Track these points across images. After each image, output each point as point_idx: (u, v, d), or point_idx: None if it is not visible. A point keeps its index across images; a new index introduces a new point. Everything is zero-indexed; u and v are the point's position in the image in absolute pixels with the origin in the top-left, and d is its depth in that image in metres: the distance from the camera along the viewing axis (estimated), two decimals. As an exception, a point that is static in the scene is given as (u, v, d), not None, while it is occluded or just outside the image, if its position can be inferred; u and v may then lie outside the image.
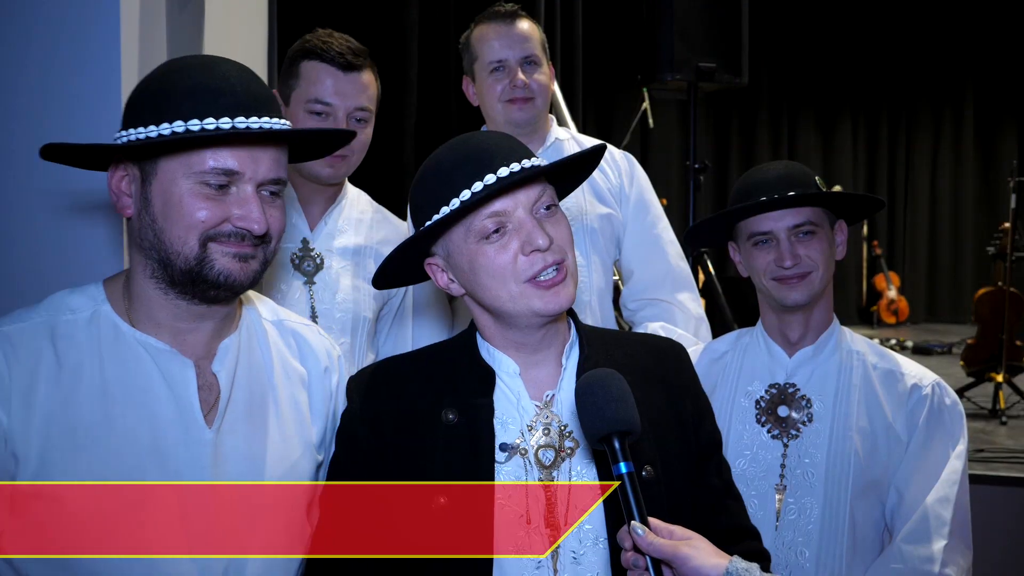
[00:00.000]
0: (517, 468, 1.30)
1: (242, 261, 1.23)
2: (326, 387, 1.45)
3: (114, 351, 1.25)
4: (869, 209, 1.89)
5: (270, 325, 1.43)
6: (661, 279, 2.38)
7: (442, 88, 4.08)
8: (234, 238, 1.22)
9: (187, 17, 2.27)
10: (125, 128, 1.21)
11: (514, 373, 1.34)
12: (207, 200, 1.20)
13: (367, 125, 2.01)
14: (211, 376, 1.29)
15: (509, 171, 1.25)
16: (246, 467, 1.28)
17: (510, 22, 2.26)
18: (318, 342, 1.47)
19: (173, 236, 1.20)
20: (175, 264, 1.21)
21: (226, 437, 1.28)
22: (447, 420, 1.31)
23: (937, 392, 1.75)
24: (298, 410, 1.39)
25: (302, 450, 1.37)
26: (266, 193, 1.25)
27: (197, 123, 1.17)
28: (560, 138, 2.38)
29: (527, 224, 1.27)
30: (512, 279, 1.27)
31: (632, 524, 1.09)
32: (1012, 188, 5.36)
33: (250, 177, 1.22)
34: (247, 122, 1.19)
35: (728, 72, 3.85)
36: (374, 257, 2.09)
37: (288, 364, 1.41)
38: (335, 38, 1.97)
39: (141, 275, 1.25)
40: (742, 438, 1.79)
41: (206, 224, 1.20)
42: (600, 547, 1.27)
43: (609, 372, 1.19)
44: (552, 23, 4.63)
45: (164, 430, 1.23)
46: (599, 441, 1.13)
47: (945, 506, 1.65)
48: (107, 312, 1.27)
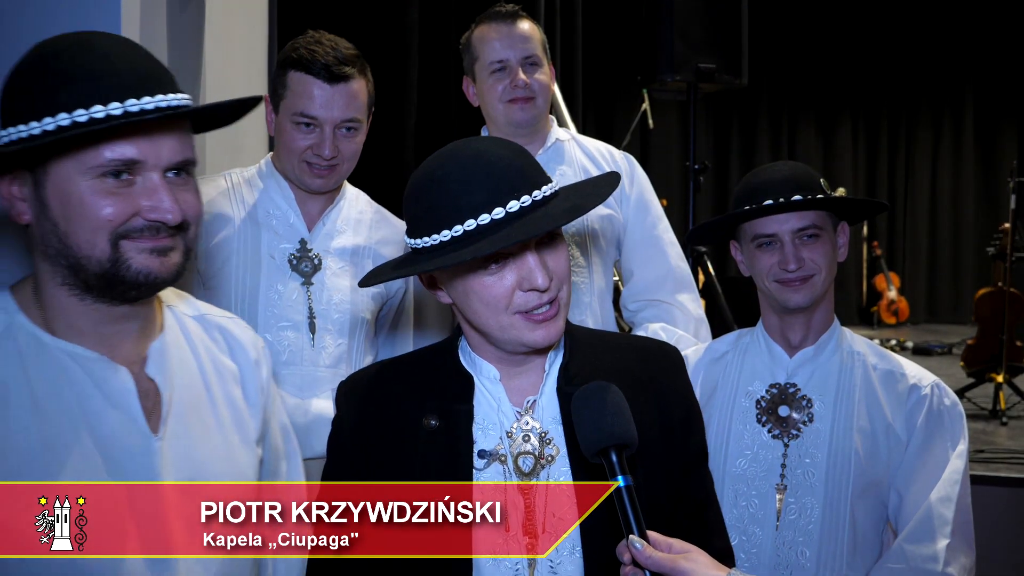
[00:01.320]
0: (496, 475, 1.28)
1: (161, 255, 1.13)
2: (258, 380, 1.38)
3: (39, 365, 1.14)
4: (872, 211, 1.90)
5: (193, 321, 1.34)
6: (661, 280, 2.37)
7: (443, 88, 4.08)
8: (148, 232, 1.11)
9: (187, 19, 2.27)
10: (3, 127, 1.09)
11: (495, 379, 1.33)
12: (110, 195, 1.09)
13: (357, 134, 1.98)
14: (147, 381, 1.21)
15: (520, 205, 1.18)
16: (193, 472, 1.21)
17: (511, 22, 2.25)
18: (244, 335, 1.40)
19: (80, 240, 1.09)
20: (87, 268, 1.10)
21: (172, 442, 1.20)
22: (428, 425, 1.30)
23: (936, 393, 1.75)
24: (235, 407, 1.32)
25: (244, 448, 1.31)
26: (174, 175, 1.13)
27: (83, 113, 1.05)
28: (561, 139, 2.38)
29: (529, 261, 1.21)
30: (504, 310, 1.23)
31: (631, 538, 1.08)
32: (1012, 189, 5.36)
33: (154, 164, 1.10)
34: (140, 103, 1.07)
35: (728, 73, 3.85)
36: (372, 258, 2.08)
37: (218, 361, 1.34)
38: (323, 45, 1.91)
39: (51, 283, 1.14)
40: (743, 438, 1.79)
41: (114, 222, 1.09)
42: (576, 555, 1.25)
43: (605, 385, 1.17)
44: (552, 24, 4.64)
45: (109, 444, 1.14)
46: (596, 454, 1.12)
47: (947, 505, 1.65)
48: (22, 323, 1.15)
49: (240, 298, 1.95)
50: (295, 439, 1.51)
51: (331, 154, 1.93)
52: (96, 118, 1.05)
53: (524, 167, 1.22)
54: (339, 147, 1.95)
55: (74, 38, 1.13)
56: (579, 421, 1.15)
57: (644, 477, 1.28)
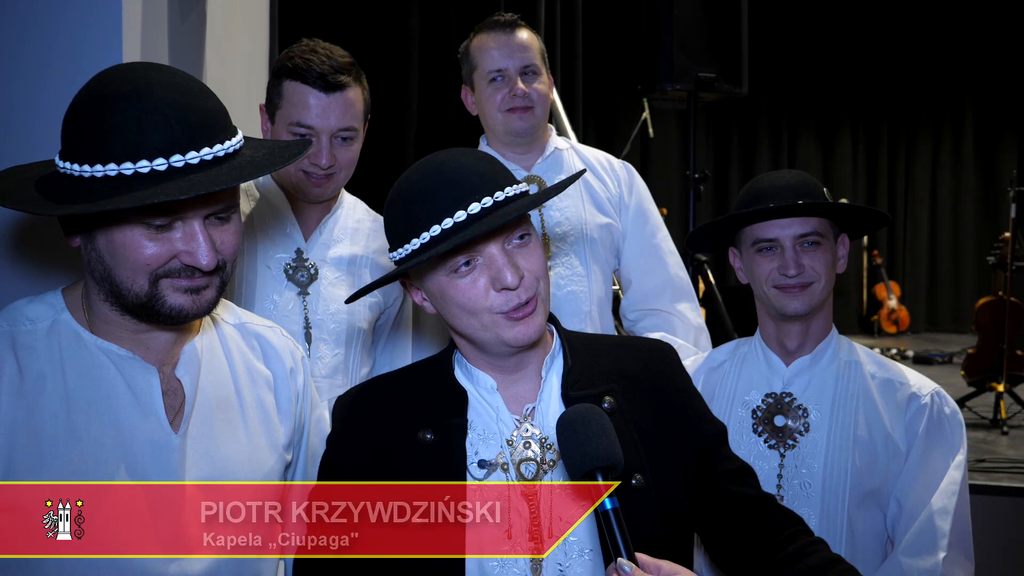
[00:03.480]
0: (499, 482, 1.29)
1: (195, 294, 1.21)
2: (292, 388, 1.44)
3: (76, 360, 1.23)
4: (873, 225, 1.89)
5: (232, 328, 1.42)
6: (661, 289, 2.37)
7: (443, 98, 4.09)
8: (185, 273, 1.19)
9: (189, 28, 2.27)
10: (64, 158, 1.16)
11: (492, 389, 1.34)
12: (152, 240, 1.17)
13: (353, 143, 1.97)
14: (175, 381, 1.29)
15: (481, 207, 1.22)
16: (214, 470, 1.28)
17: (510, 31, 2.26)
18: (281, 344, 1.47)
19: (122, 275, 1.18)
20: (126, 298, 1.20)
21: (193, 441, 1.27)
22: (423, 440, 1.31)
23: (936, 401, 1.75)
24: (265, 412, 1.39)
25: (270, 451, 1.37)
26: (215, 219, 1.21)
27: (130, 167, 1.11)
28: (560, 148, 2.38)
29: (497, 260, 1.25)
30: (483, 311, 1.26)
31: (619, 561, 1.09)
32: (1012, 198, 5.35)
33: (193, 213, 1.18)
34: (184, 159, 1.13)
35: (728, 82, 3.85)
36: (370, 267, 2.07)
37: (252, 366, 1.41)
38: (317, 54, 1.90)
39: (96, 295, 1.24)
40: (739, 448, 1.78)
41: (152, 265, 1.17)
42: (586, 559, 1.27)
43: (589, 407, 1.19)
44: (552, 33, 4.65)
45: (130, 437, 1.22)
46: (582, 477, 1.14)
47: (944, 517, 1.64)
48: (67, 320, 1.26)
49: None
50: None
51: (328, 163, 1.92)
52: (141, 172, 1.11)
53: (486, 171, 1.27)
54: (336, 156, 1.94)
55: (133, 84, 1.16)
56: (564, 445, 1.16)
57: (653, 475, 1.30)
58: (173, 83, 1.17)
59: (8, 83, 1.98)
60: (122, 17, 1.97)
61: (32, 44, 1.98)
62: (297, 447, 1.46)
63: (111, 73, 1.19)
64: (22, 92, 1.97)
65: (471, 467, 1.30)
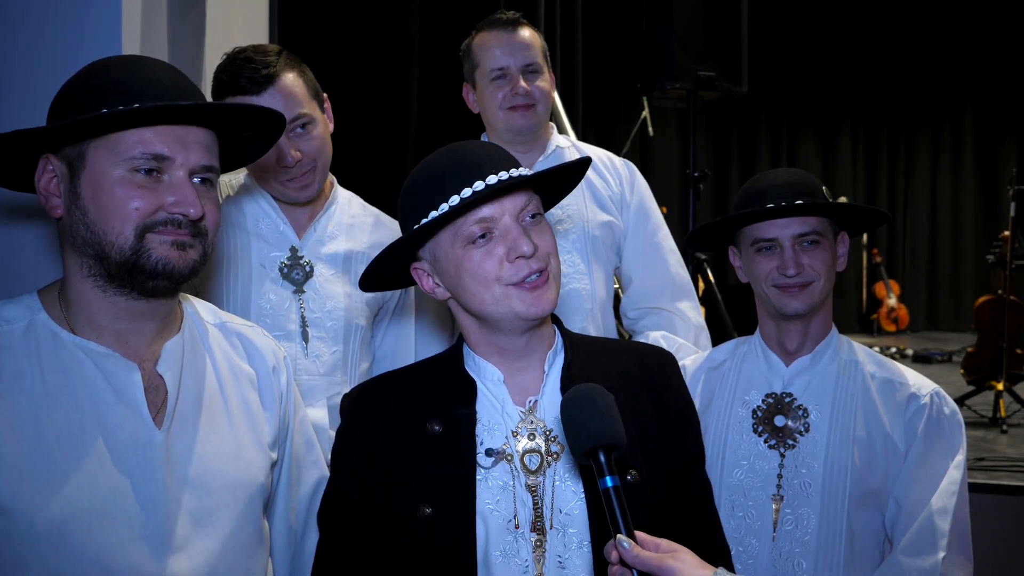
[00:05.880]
0: (504, 473, 1.32)
1: (180, 249, 1.22)
2: (276, 387, 1.45)
3: (54, 359, 1.23)
4: (873, 222, 1.89)
5: (213, 328, 1.42)
6: (661, 287, 2.38)
7: (443, 98, 4.09)
8: (171, 225, 1.21)
9: (188, 27, 2.27)
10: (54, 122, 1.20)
11: (498, 380, 1.37)
12: (139, 188, 1.19)
13: (313, 128, 1.91)
14: (157, 378, 1.28)
15: (497, 179, 1.28)
16: (198, 467, 1.28)
17: (511, 30, 2.26)
18: (263, 343, 1.47)
19: (107, 227, 1.19)
20: (111, 256, 1.20)
21: (176, 438, 1.27)
22: (431, 431, 1.33)
23: (936, 401, 1.75)
24: (249, 410, 1.39)
25: (255, 448, 1.37)
26: (198, 181, 1.24)
27: (123, 108, 1.16)
28: (561, 146, 2.38)
29: (513, 231, 1.30)
30: (496, 283, 1.29)
31: (618, 537, 1.10)
32: (1012, 196, 5.35)
33: (181, 163, 1.21)
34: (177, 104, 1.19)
35: (728, 80, 3.85)
36: (366, 262, 2.05)
37: (235, 365, 1.41)
38: (237, 60, 1.86)
39: (77, 276, 1.24)
40: (739, 448, 1.78)
41: (141, 213, 1.19)
42: (584, 551, 1.29)
43: (593, 387, 1.20)
44: (552, 31, 4.64)
45: (113, 434, 1.22)
46: (584, 455, 1.14)
47: (943, 517, 1.65)
48: (44, 320, 1.26)
49: (231, 308, 1.91)
50: (319, 451, 1.56)
51: (294, 160, 1.89)
52: (133, 108, 1.16)
53: (500, 154, 1.34)
54: (300, 148, 1.90)
55: (123, 57, 1.27)
56: (567, 423, 1.17)
57: (648, 472, 1.32)
58: (160, 63, 1.27)
59: (7, 83, 1.98)
60: (121, 17, 1.97)
61: (31, 45, 1.98)
62: (281, 447, 1.46)
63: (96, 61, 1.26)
64: (22, 92, 1.97)
65: (479, 456, 1.32)
